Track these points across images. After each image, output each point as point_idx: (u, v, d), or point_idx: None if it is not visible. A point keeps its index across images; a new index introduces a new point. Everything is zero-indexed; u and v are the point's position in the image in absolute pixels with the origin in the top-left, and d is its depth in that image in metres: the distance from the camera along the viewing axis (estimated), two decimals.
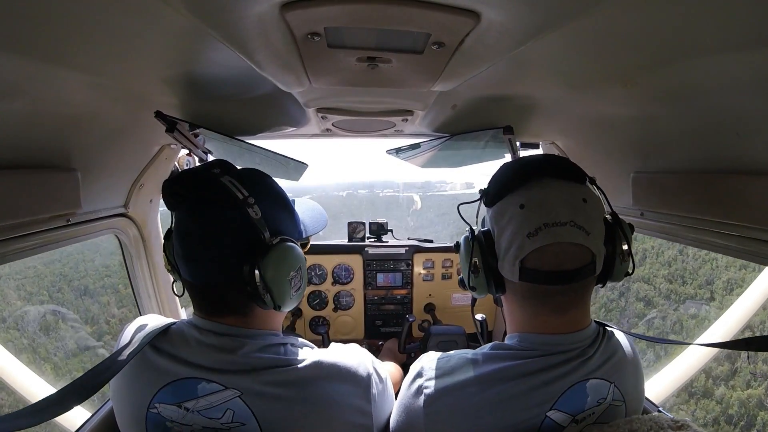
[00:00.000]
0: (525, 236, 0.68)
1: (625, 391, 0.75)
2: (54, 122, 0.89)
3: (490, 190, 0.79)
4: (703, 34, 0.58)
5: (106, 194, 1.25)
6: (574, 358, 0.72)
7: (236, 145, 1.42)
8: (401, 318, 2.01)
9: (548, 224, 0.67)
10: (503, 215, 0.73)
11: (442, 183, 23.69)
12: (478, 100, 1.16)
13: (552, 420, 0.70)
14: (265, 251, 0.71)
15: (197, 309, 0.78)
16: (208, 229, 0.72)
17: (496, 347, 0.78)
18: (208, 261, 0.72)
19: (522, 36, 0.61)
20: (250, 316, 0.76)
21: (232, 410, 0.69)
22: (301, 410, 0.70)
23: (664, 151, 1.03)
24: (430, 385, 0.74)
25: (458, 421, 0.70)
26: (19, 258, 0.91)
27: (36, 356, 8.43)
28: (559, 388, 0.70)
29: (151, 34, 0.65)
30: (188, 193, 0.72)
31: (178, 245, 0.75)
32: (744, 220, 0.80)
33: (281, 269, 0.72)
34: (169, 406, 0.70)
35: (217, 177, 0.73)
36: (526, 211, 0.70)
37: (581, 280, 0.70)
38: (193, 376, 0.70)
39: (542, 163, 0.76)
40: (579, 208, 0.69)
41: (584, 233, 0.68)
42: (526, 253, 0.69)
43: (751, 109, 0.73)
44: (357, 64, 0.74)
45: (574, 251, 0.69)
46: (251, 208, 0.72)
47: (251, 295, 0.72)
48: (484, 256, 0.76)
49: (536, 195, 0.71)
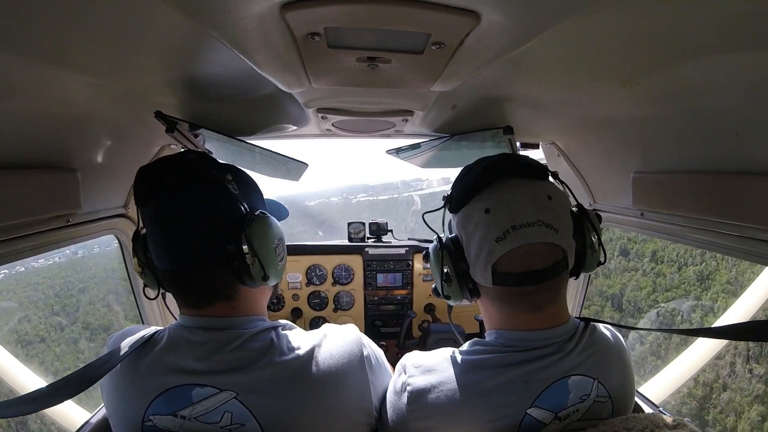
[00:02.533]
0: (494, 241, 0.68)
1: (611, 388, 0.75)
2: (54, 122, 0.89)
3: (454, 196, 0.78)
4: (703, 34, 0.58)
5: (106, 194, 1.25)
6: (551, 354, 0.72)
7: (236, 145, 1.42)
8: (401, 318, 2.01)
9: (516, 226, 0.67)
10: (469, 221, 0.73)
11: (418, 181, 23.17)
12: (478, 100, 1.16)
13: (533, 417, 0.70)
14: (249, 223, 0.72)
15: (183, 304, 0.76)
16: (192, 208, 0.71)
17: (475, 343, 0.79)
18: (194, 242, 0.71)
19: (522, 36, 0.61)
20: (237, 299, 0.75)
21: (231, 412, 0.68)
22: (300, 401, 0.70)
23: (664, 151, 1.03)
24: (412, 383, 0.75)
25: (440, 416, 0.71)
26: (19, 258, 0.91)
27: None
28: (539, 385, 0.70)
29: (151, 35, 0.65)
30: (169, 176, 0.72)
31: (157, 234, 0.73)
32: (744, 220, 0.80)
33: (267, 237, 0.74)
34: (164, 417, 0.68)
35: (195, 160, 0.75)
36: (492, 215, 0.69)
37: (554, 277, 0.71)
38: (186, 383, 0.68)
39: (503, 164, 0.75)
40: (545, 206, 0.69)
41: (553, 231, 0.68)
42: (497, 258, 0.69)
43: (751, 109, 0.73)
44: (357, 65, 0.74)
45: (545, 250, 0.69)
46: (230, 184, 0.73)
47: (239, 271, 0.72)
48: (455, 263, 0.76)
49: (501, 197, 0.71)
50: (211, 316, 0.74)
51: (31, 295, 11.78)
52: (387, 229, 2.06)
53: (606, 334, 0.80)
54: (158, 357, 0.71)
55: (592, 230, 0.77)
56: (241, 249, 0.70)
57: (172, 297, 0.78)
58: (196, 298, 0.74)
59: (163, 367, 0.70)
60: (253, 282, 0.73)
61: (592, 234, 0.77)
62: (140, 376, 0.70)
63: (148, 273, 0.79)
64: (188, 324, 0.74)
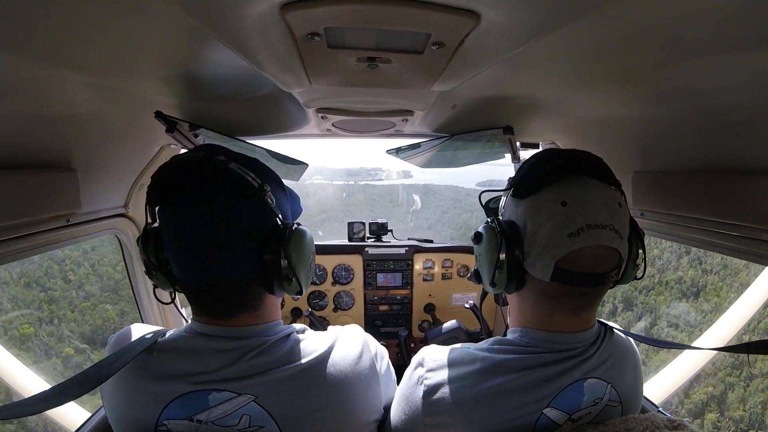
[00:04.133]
0: (566, 236, 0.66)
1: (623, 393, 0.75)
2: (54, 122, 0.89)
3: (523, 181, 0.74)
4: (703, 34, 0.58)
5: (106, 194, 1.25)
6: (574, 357, 0.72)
7: (236, 145, 1.42)
8: (401, 318, 2.01)
9: (590, 225, 0.65)
10: (539, 211, 0.70)
11: (378, 170, 22.36)
12: (478, 100, 1.16)
13: (548, 417, 0.70)
14: (288, 238, 0.70)
15: (200, 313, 0.72)
16: (224, 222, 0.65)
17: (498, 342, 0.78)
18: (223, 258, 0.66)
19: (522, 36, 0.61)
20: (260, 308, 0.74)
21: (249, 415, 0.67)
22: (319, 402, 0.70)
23: (664, 151, 1.03)
24: (430, 376, 0.75)
25: (456, 412, 0.71)
26: (19, 258, 0.91)
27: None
28: (557, 385, 0.70)
29: (151, 35, 0.65)
30: (193, 183, 0.65)
31: (178, 243, 0.67)
32: (744, 220, 0.80)
33: (305, 252, 0.72)
34: (180, 422, 0.66)
35: (224, 164, 0.67)
36: (569, 209, 0.66)
37: (607, 282, 0.70)
38: (202, 388, 0.67)
39: (580, 160, 0.72)
40: (616, 212, 0.68)
41: (619, 238, 0.67)
42: (564, 253, 0.67)
43: (751, 109, 0.73)
44: (357, 65, 0.74)
45: (609, 255, 0.68)
46: (267, 195, 0.69)
47: (273, 285, 0.71)
48: (511, 249, 0.72)
49: (577, 193, 0.68)
50: (234, 326, 0.72)
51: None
52: (387, 229, 2.06)
53: (623, 340, 0.81)
54: (173, 362, 0.69)
55: (639, 245, 0.77)
56: (280, 264, 0.69)
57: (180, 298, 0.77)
58: (220, 310, 0.72)
59: (179, 373, 0.68)
60: (288, 292, 0.73)
61: (638, 248, 0.77)
62: (152, 380, 0.68)
63: (160, 276, 0.73)
64: (209, 333, 0.71)
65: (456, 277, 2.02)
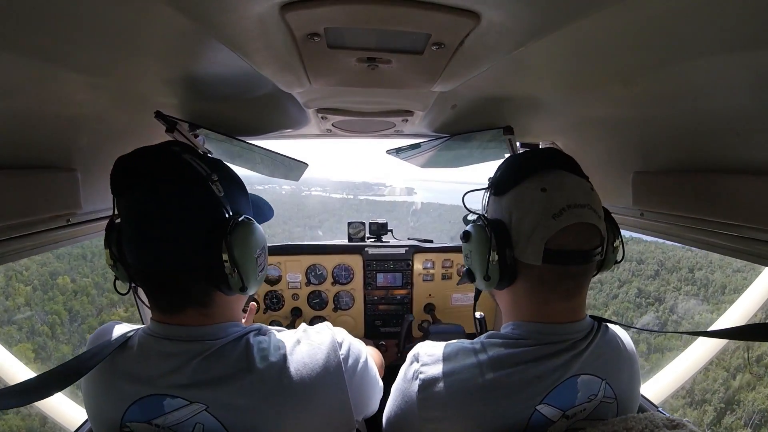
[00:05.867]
0: (550, 217, 0.71)
1: (618, 389, 0.75)
2: (54, 122, 0.89)
3: (502, 179, 0.80)
4: (702, 34, 0.58)
5: (106, 194, 1.24)
6: (565, 351, 0.73)
7: (236, 145, 1.42)
8: (401, 318, 2.01)
9: (571, 205, 0.71)
10: (522, 198, 0.75)
11: (380, 185, 22.48)
12: (478, 100, 1.16)
13: (541, 414, 0.70)
14: (231, 229, 0.67)
15: (155, 308, 0.72)
16: (170, 207, 0.66)
17: (491, 336, 0.79)
18: (169, 243, 0.66)
19: (522, 36, 0.61)
20: (211, 306, 0.72)
21: (202, 424, 0.66)
22: (273, 413, 0.67)
23: (664, 151, 1.03)
24: (425, 371, 0.75)
25: (451, 407, 0.71)
26: (19, 258, 0.91)
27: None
28: (551, 382, 0.70)
29: (151, 35, 0.65)
30: (147, 170, 0.67)
31: (131, 229, 0.67)
32: (744, 220, 0.80)
33: (248, 247, 0.69)
34: (140, 424, 0.67)
35: (178, 153, 0.69)
36: (549, 193, 0.72)
37: (594, 259, 0.75)
38: (157, 392, 0.66)
39: (552, 156, 0.80)
40: (591, 195, 0.75)
41: (598, 216, 0.74)
42: (552, 233, 0.71)
43: (750, 109, 0.73)
44: (357, 65, 0.74)
45: (592, 232, 0.73)
46: (215, 185, 0.68)
47: (216, 279, 0.68)
48: (500, 243, 0.76)
49: (554, 180, 0.74)
50: (181, 324, 0.70)
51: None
52: (387, 229, 2.06)
53: (617, 336, 0.81)
54: (130, 365, 0.69)
55: (614, 230, 0.83)
56: (221, 257, 0.66)
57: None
58: (166, 302, 0.71)
59: (134, 376, 0.68)
60: (230, 291, 0.71)
61: (614, 233, 0.82)
62: (115, 382, 0.69)
63: (120, 267, 0.74)
64: (157, 333, 0.71)
65: (456, 278, 2.02)
